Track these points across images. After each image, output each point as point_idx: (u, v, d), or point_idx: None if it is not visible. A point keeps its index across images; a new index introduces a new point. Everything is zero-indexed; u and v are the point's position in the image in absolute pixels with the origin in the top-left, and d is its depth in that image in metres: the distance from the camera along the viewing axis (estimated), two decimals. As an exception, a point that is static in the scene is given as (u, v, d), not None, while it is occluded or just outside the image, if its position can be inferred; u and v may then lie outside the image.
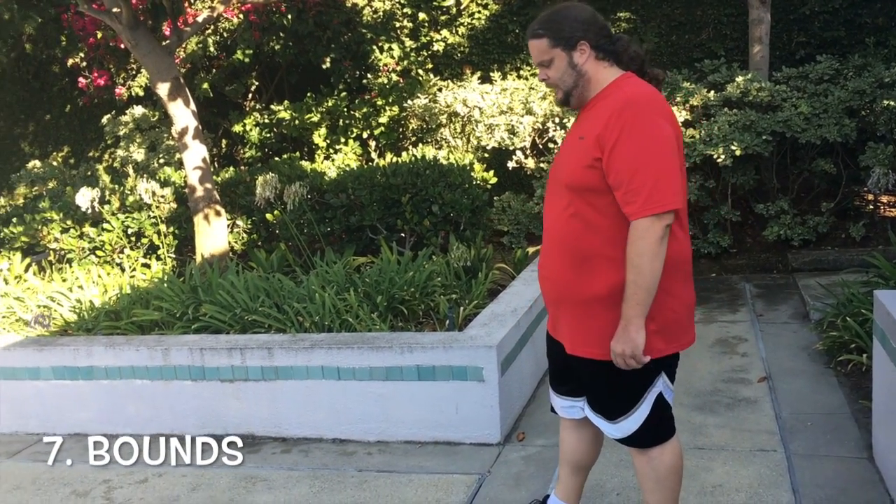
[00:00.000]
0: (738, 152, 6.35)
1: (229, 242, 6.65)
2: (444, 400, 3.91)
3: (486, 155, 7.67)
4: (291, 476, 3.73)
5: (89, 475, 3.94)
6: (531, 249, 6.37)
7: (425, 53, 8.92)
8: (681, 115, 6.71)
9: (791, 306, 5.70)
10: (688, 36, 8.23)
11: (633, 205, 2.19)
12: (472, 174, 6.85)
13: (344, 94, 8.81)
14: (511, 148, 7.38)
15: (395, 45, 8.75)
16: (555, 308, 2.52)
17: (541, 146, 7.52)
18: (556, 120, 7.23)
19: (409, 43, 8.87)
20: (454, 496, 3.37)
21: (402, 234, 6.43)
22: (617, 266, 2.27)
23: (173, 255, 6.94)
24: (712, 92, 6.89)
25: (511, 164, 7.41)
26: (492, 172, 7.22)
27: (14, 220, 7.48)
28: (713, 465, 3.43)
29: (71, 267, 6.64)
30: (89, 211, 6.56)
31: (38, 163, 9.89)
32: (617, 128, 2.21)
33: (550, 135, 7.24)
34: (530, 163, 7.33)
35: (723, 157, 6.37)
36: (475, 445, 3.87)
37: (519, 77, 8.30)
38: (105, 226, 6.89)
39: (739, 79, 6.87)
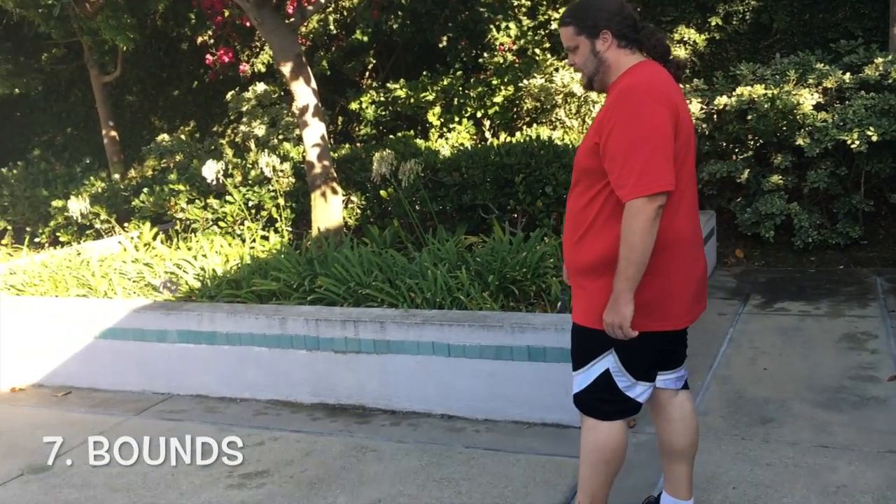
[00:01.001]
0: (874, 138, 6.00)
1: (344, 218, 6.78)
2: (554, 382, 3.87)
3: (602, 136, 7.51)
4: (400, 448, 3.79)
5: (210, 435, 4.11)
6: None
7: (542, 32, 8.80)
8: (812, 97, 6.38)
9: (927, 303, 5.36)
10: (822, 15, 7.81)
11: (625, 188, 2.30)
12: (588, 155, 6.71)
13: (459, 73, 8.81)
14: (628, 129, 7.20)
15: (512, 24, 8.67)
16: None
17: (659, 128, 7.31)
18: (677, 101, 7.00)
19: (526, 22, 8.78)
20: (562, 479, 3.34)
21: (514, 215, 6.39)
22: (601, 244, 2.43)
23: (290, 229, 7.13)
24: (848, 74, 6.52)
25: (628, 147, 7.23)
26: (607, 154, 7.07)
27: (145, 190, 7.85)
28: (837, 464, 3.27)
29: (195, 236, 6.92)
30: (214, 183, 6.82)
31: (166, 136, 10.34)
32: (614, 115, 2.33)
33: (670, 117, 7.02)
34: (648, 145, 7.14)
35: (857, 142, 6.03)
36: (584, 429, 3.81)
37: (639, 57, 8.09)
38: (227, 198, 7.14)
39: (878, 60, 6.48)
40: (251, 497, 3.41)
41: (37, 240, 9.32)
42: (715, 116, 6.89)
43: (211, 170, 6.62)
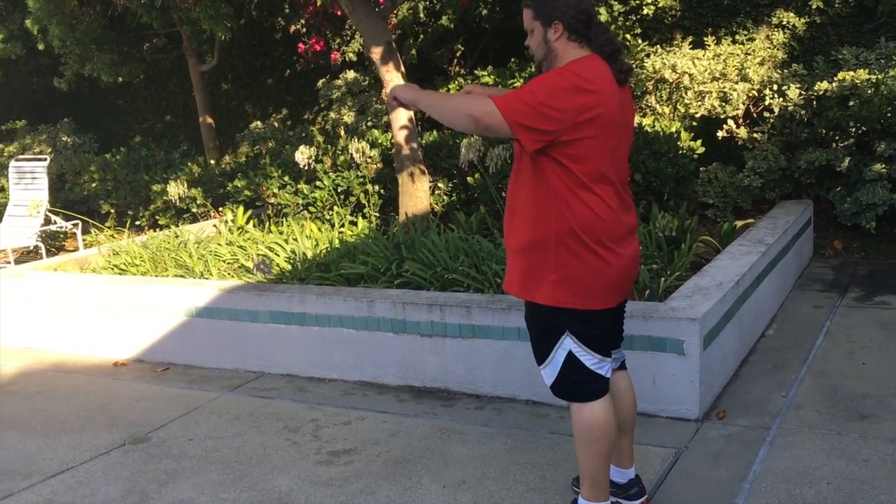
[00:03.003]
0: None
1: (430, 204, 6.83)
2: (640, 370, 3.82)
3: (694, 123, 7.34)
4: (485, 432, 3.81)
5: (299, 413, 4.24)
6: (739, 223, 6.05)
7: (634, 18, 8.64)
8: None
9: None
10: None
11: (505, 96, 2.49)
12: (679, 143, 6.59)
13: (548, 59, 8.72)
14: (722, 116, 7.02)
15: (602, 10, 8.54)
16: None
17: (755, 115, 7.09)
18: (774, 87, 6.78)
19: (617, 7, 8.63)
20: (649, 467, 3.30)
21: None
22: (531, 223, 2.60)
23: (378, 214, 7.23)
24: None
25: (721, 134, 7.05)
26: (699, 142, 6.92)
27: (238, 175, 8.09)
28: (941, 464, 3.13)
29: (287, 220, 7.10)
30: (305, 168, 6.95)
31: (259, 123, 10.61)
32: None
33: (767, 103, 6.81)
34: (742, 132, 6.94)
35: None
36: (671, 419, 3.76)
37: (734, 42, 7.85)
38: (318, 183, 7.29)
39: None
40: (339, 473, 3.50)
41: (137, 223, 9.72)
42: (814, 102, 6.65)
43: (303, 155, 6.76)
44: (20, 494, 3.52)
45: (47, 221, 9.02)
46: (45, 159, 9.25)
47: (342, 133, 8.75)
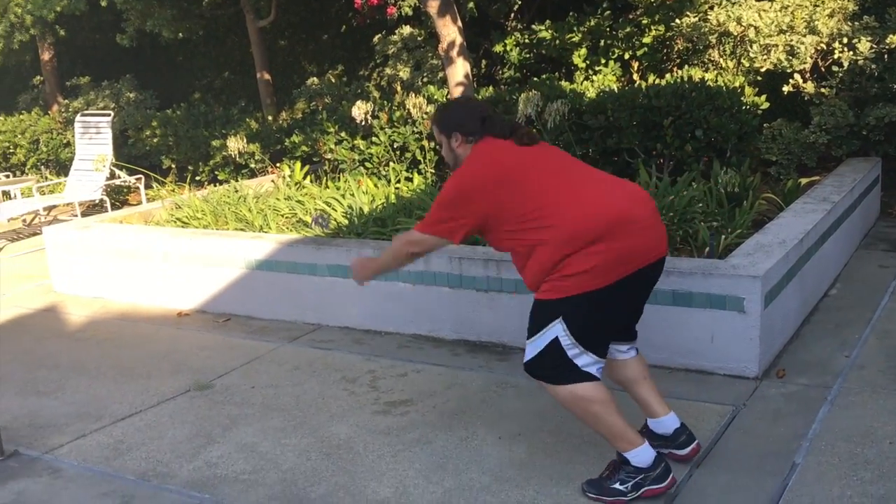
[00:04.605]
0: None
1: (487, 160, 6.80)
2: (698, 327, 3.80)
3: (759, 78, 7.14)
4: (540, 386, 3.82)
5: (357, 364, 4.31)
6: (803, 181, 5.90)
7: (698, -31, 8.38)
8: None
9: None
10: None
11: (422, 221, 2.94)
12: (742, 98, 6.42)
13: (608, 13, 8.55)
14: (788, 70, 6.80)
15: (664, -40, 8.30)
16: None
17: (823, 69, 6.86)
18: (844, 40, 6.54)
19: (680, -43, 8.38)
20: (705, 423, 3.29)
21: (660, 160, 6.21)
22: (537, 268, 2.75)
23: (433, 170, 7.23)
24: None
25: (786, 89, 6.84)
26: (763, 97, 6.73)
27: (296, 131, 8.15)
28: None
29: (343, 176, 7.15)
30: (362, 124, 6.96)
31: (315, 79, 10.65)
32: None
33: (836, 56, 6.58)
34: (809, 87, 6.73)
35: None
36: (729, 377, 3.74)
37: (802, -7, 7.58)
38: (374, 139, 7.31)
39: None
40: (395, 423, 3.56)
41: (197, 178, 9.90)
42: (885, 56, 6.40)
43: (359, 111, 6.78)
44: (92, 435, 3.67)
45: (112, 175, 9.24)
46: (109, 114, 9.45)
47: (398, 89, 8.73)
